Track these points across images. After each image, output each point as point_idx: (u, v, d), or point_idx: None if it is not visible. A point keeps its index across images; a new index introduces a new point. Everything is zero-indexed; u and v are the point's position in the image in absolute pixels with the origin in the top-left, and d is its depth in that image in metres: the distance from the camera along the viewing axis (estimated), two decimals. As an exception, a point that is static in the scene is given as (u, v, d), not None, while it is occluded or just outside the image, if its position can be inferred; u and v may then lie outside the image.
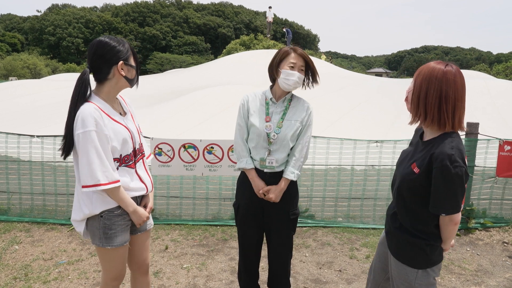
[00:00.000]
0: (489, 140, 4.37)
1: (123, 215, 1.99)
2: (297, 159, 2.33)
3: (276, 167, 2.32)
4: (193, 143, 4.13)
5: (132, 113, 2.14)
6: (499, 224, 4.37)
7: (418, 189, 1.67)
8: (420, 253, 1.74)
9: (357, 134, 7.57)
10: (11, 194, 4.51)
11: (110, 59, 1.89)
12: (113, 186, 1.87)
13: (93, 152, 1.81)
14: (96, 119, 1.82)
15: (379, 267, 2.06)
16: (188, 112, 9.56)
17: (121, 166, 1.97)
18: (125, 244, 2.05)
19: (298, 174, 2.34)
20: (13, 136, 4.57)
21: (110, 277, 2.09)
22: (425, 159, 1.62)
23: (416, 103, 1.67)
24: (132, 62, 1.96)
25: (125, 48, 1.93)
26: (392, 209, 1.89)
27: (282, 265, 2.51)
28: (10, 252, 3.59)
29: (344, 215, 4.51)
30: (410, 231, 1.76)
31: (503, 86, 12.59)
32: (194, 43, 70.57)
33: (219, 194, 4.56)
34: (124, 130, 1.97)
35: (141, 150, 2.12)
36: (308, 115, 2.35)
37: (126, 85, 1.99)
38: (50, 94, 13.38)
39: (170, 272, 3.29)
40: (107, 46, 1.89)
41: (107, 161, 1.85)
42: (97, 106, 1.88)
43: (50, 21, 64.93)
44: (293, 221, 2.44)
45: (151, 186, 2.15)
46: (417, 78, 1.67)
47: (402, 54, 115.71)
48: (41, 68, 42.37)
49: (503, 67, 31.47)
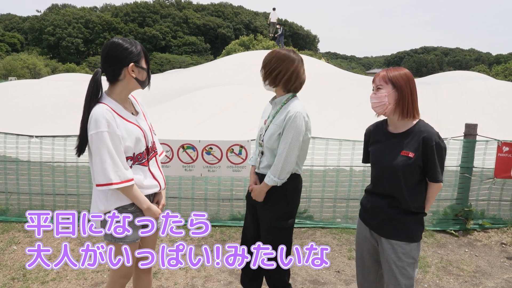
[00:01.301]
0: (488, 141, 4.37)
1: (136, 212, 2.04)
2: (275, 164, 2.29)
3: (262, 170, 2.41)
4: (192, 143, 4.14)
5: (144, 112, 2.19)
6: (497, 225, 4.38)
7: (416, 169, 1.95)
8: (419, 227, 2.03)
9: (357, 134, 7.57)
10: (9, 194, 4.51)
11: (121, 61, 1.93)
12: (126, 185, 1.92)
13: (105, 152, 1.87)
14: (108, 120, 1.87)
15: (369, 266, 2.19)
16: (187, 112, 9.56)
17: (134, 164, 2.02)
18: (137, 241, 2.08)
19: (274, 180, 2.28)
20: (11, 136, 4.56)
21: (119, 275, 2.12)
22: (418, 143, 1.93)
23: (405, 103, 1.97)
24: (143, 64, 1.99)
25: (137, 50, 1.96)
26: (379, 201, 2.07)
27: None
28: (9, 252, 3.59)
29: (342, 216, 4.52)
30: (411, 211, 2.00)
31: (502, 87, 12.60)
32: (193, 44, 70.62)
33: (218, 194, 4.56)
34: (137, 129, 2.02)
35: (154, 148, 2.17)
36: (287, 119, 2.24)
37: (137, 87, 2.03)
38: (49, 94, 13.36)
39: (169, 273, 3.29)
40: (119, 47, 1.93)
41: (120, 160, 1.90)
42: (109, 106, 1.93)
43: (50, 21, 64.93)
44: (274, 230, 2.41)
45: (163, 183, 2.19)
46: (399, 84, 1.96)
47: (401, 55, 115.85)
48: (40, 68, 42.38)
49: (502, 68, 31.51)
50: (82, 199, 4.43)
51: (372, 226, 2.12)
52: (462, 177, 4.32)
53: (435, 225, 4.37)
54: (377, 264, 2.18)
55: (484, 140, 4.37)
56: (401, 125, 2.02)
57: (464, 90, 12.47)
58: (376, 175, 2.11)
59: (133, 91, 2.06)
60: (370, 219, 2.13)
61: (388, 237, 2.03)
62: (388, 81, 1.97)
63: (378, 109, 2.02)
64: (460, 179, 4.35)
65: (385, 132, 2.09)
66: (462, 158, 4.32)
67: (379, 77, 1.99)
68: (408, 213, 2.00)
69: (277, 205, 2.40)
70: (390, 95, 1.96)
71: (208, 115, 9.16)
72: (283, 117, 2.29)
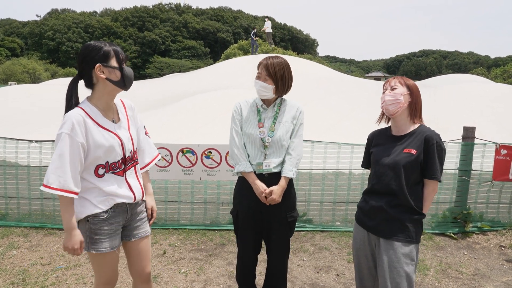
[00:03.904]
0: (486, 144, 4.39)
1: (109, 220, 1.97)
2: (293, 157, 2.41)
3: (273, 169, 2.38)
4: (191, 147, 4.15)
5: (130, 120, 2.11)
6: (496, 228, 4.39)
7: (417, 166, 2.04)
8: (418, 229, 2.07)
9: (356, 137, 7.59)
10: (9, 199, 4.52)
11: (88, 62, 1.87)
12: (62, 194, 1.81)
13: (57, 154, 1.81)
14: (74, 124, 1.81)
15: (367, 271, 2.21)
16: (187, 116, 9.58)
17: (108, 173, 1.95)
18: (112, 250, 2.01)
19: (296, 171, 2.43)
20: (11, 141, 4.58)
21: (101, 282, 2.09)
22: (420, 141, 2.04)
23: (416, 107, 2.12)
24: (113, 63, 1.89)
25: (104, 49, 1.88)
26: (379, 200, 2.10)
27: (281, 269, 2.55)
28: (8, 257, 3.59)
29: (342, 219, 4.52)
30: (413, 211, 2.05)
31: (501, 90, 12.64)
32: (193, 48, 70.74)
33: (217, 198, 4.57)
34: (113, 137, 1.94)
35: (134, 158, 2.08)
36: (299, 113, 2.45)
37: (116, 89, 1.94)
38: (49, 98, 13.40)
39: (168, 277, 3.29)
40: (86, 49, 1.89)
41: (70, 168, 1.81)
42: (85, 111, 1.88)
43: (50, 26, 65.07)
44: (290, 224, 2.48)
45: (141, 195, 2.11)
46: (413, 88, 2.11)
47: (400, 58, 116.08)
48: (40, 72, 42.41)
49: (501, 71, 31.63)
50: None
51: (371, 228, 2.12)
52: (461, 180, 4.34)
53: (434, 228, 4.37)
54: (375, 269, 2.18)
55: (482, 143, 4.39)
56: (404, 128, 2.12)
57: (463, 93, 12.52)
58: (376, 172, 2.14)
59: (115, 94, 1.98)
60: (369, 221, 2.14)
61: (387, 237, 2.04)
62: (404, 84, 2.10)
63: (392, 107, 2.08)
64: (458, 182, 4.36)
65: (388, 135, 2.19)
66: (460, 161, 4.34)
67: (395, 79, 2.12)
68: (407, 213, 2.03)
69: (290, 198, 2.46)
70: (405, 96, 2.08)
71: (207, 119, 9.19)
72: (293, 114, 2.44)
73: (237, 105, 2.51)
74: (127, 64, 2.01)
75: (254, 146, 2.41)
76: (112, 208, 1.98)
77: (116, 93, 1.99)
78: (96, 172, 1.93)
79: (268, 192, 2.35)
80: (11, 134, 5.73)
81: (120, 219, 2.03)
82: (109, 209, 1.97)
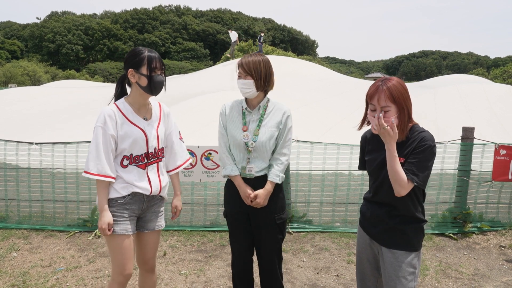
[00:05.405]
0: (485, 144, 4.40)
1: (126, 205, 2.16)
2: (281, 163, 2.37)
3: (255, 174, 2.36)
4: (190, 149, 4.16)
5: (163, 120, 2.30)
6: (496, 228, 4.39)
7: None
8: (420, 236, 2.02)
9: (356, 138, 7.59)
10: (9, 201, 4.53)
11: (126, 66, 2.15)
12: (100, 178, 2.08)
13: (93, 145, 2.08)
14: (106, 118, 2.07)
15: (369, 273, 2.18)
16: (187, 118, 9.59)
17: (131, 165, 2.16)
18: (126, 233, 2.15)
19: (283, 176, 2.40)
20: (11, 143, 4.59)
21: (116, 271, 2.18)
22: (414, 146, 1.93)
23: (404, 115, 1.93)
24: (143, 70, 2.10)
25: (140, 56, 2.11)
26: (379, 210, 2.05)
27: (272, 270, 2.52)
28: (9, 259, 3.60)
29: (341, 220, 4.53)
30: (414, 219, 1.99)
31: (501, 90, 12.67)
32: (193, 49, 70.89)
33: (217, 200, 4.58)
34: (139, 132, 2.15)
35: (158, 155, 2.26)
36: (285, 119, 2.37)
37: (143, 93, 2.15)
38: (49, 101, 13.42)
39: (168, 278, 3.30)
40: (129, 53, 2.17)
41: (104, 156, 2.07)
42: (118, 108, 2.14)
43: (50, 28, 65.23)
44: (280, 226, 2.46)
45: (157, 190, 2.26)
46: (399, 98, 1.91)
47: (400, 59, 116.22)
48: (40, 75, 42.51)
49: (501, 72, 31.67)
50: (82, 205, 4.45)
51: (373, 235, 2.11)
52: (460, 180, 4.35)
53: (433, 228, 4.38)
54: (377, 271, 2.17)
55: (481, 143, 4.40)
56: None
57: (463, 93, 12.53)
58: (374, 184, 2.09)
59: (145, 97, 2.19)
60: (371, 228, 2.11)
61: (389, 246, 2.02)
62: (394, 101, 1.89)
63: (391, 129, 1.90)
64: (458, 182, 4.37)
65: (380, 140, 1.98)
66: (460, 162, 4.34)
67: (384, 97, 1.89)
68: (408, 222, 1.99)
69: (278, 200, 2.44)
70: (396, 116, 1.92)
71: (207, 120, 9.19)
72: (279, 119, 2.37)
73: (223, 107, 2.50)
74: (160, 72, 2.18)
75: (238, 150, 2.39)
76: (130, 195, 2.17)
77: (147, 96, 2.20)
78: (121, 163, 2.15)
79: (253, 196, 2.34)
80: (12, 137, 5.75)
81: (135, 207, 2.21)
82: (127, 195, 2.16)
